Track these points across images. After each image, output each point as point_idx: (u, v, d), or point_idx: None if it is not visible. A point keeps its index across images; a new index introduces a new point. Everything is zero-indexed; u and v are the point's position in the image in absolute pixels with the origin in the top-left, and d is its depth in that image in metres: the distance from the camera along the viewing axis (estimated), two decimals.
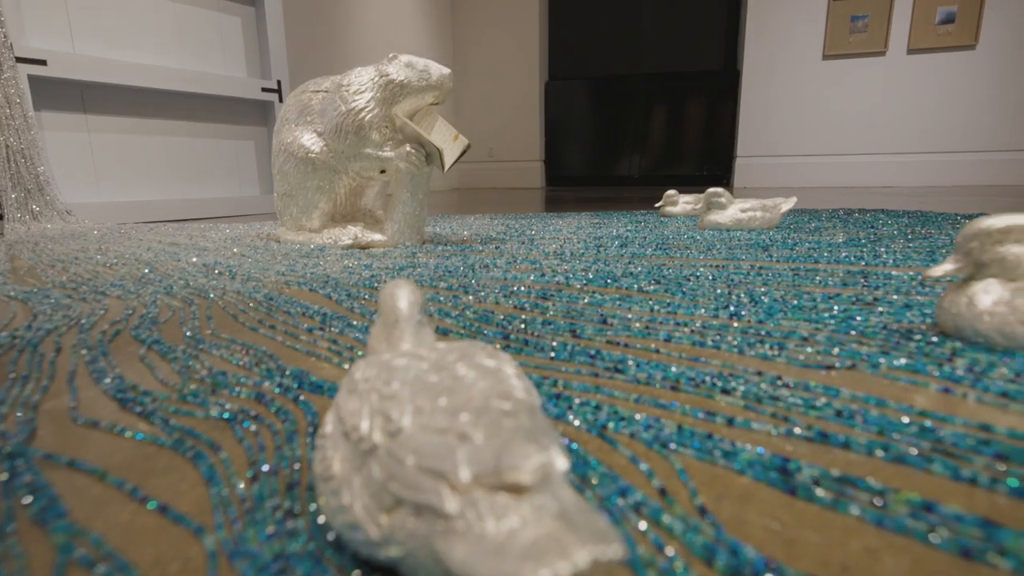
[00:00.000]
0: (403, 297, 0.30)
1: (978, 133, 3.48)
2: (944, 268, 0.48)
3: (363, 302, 0.67)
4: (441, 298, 0.67)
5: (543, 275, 0.80)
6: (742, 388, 0.38)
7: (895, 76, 3.57)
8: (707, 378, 0.40)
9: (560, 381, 0.40)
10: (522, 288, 0.71)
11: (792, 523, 0.24)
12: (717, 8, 4.22)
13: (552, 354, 0.46)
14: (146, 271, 0.90)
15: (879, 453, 0.29)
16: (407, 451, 0.19)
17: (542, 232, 1.35)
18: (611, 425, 0.33)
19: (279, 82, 2.23)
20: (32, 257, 1.09)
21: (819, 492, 0.26)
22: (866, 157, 3.72)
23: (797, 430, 0.32)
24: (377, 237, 1.12)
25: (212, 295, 0.71)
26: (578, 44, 4.64)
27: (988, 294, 0.46)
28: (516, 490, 0.16)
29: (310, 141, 1.08)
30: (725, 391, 0.38)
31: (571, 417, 0.34)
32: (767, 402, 0.36)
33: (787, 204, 1.35)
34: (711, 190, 1.33)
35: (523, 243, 1.16)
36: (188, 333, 0.54)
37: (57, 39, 1.66)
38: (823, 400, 0.36)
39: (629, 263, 0.89)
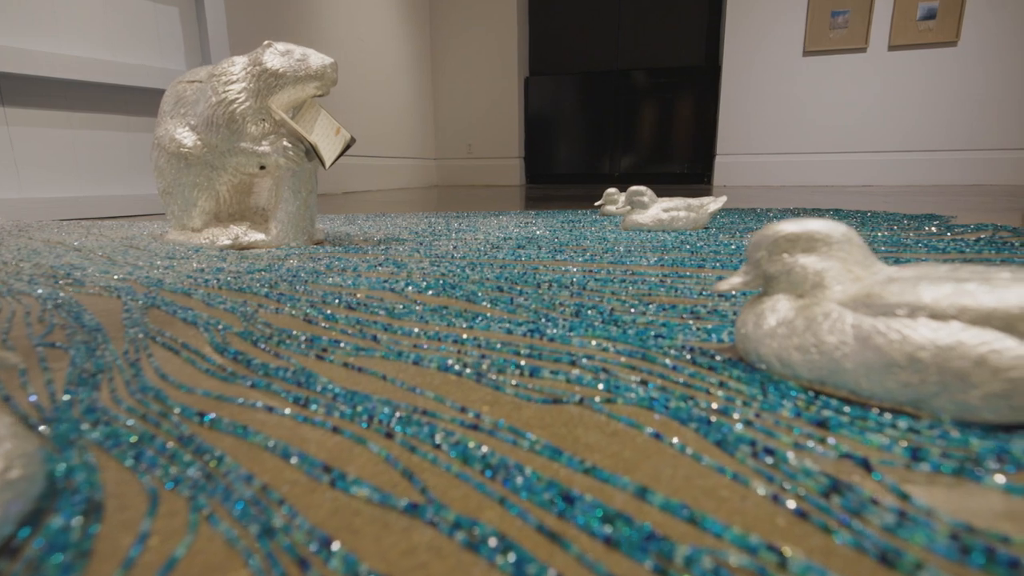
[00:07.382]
0: None
1: (960, 131, 3.39)
2: (731, 282, 0.41)
3: (150, 312, 0.60)
4: (239, 310, 0.60)
5: (385, 281, 0.73)
6: (418, 429, 0.31)
7: (876, 73, 3.48)
8: (397, 415, 0.33)
9: (227, 419, 0.33)
10: (344, 298, 0.64)
11: None
12: (698, 2, 4.13)
13: (263, 382, 0.39)
14: None
15: (459, 536, 0.22)
16: None
17: (459, 232, 1.28)
18: (210, 486, 0.26)
19: None
20: None
21: None
22: (846, 155, 3.63)
23: (404, 497, 0.25)
24: (260, 237, 1.06)
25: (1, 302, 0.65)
26: (558, 39, 4.55)
27: (775, 313, 0.39)
28: None
29: (182, 135, 1.01)
30: (389, 435, 0.31)
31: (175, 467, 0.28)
32: (421, 452, 0.29)
33: (715, 204, 1.28)
34: (632, 188, 1.26)
35: (422, 244, 1.09)
36: None
37: None
38: (485, 450, 0.29)
39: (502, 268, 0.82)
